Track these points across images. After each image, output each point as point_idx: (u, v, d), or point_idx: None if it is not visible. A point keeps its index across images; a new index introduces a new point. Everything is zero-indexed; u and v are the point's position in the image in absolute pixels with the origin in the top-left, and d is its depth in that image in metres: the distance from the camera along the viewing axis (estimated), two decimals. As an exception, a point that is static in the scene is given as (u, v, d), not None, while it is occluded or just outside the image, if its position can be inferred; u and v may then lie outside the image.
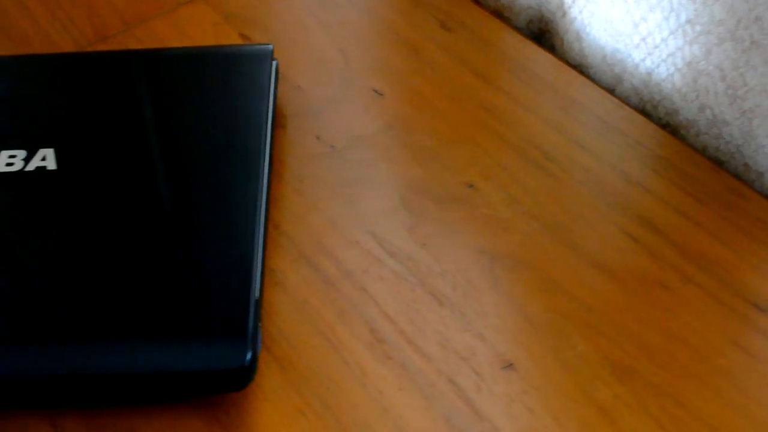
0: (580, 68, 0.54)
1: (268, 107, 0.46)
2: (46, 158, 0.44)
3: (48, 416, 0.39)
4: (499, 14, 0.57)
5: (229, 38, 0.56)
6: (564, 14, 0.54)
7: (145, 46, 0.56)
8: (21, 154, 0.44)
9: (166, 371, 0.37)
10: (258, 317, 0.39)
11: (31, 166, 0.44)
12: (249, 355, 0.37)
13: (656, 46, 0.49)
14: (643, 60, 0.51)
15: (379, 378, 0.39)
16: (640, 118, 0.50)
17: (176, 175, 0.43)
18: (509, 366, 0.40)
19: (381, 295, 0.42)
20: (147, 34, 0.56)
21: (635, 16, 0.50)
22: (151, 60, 0.49)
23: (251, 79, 0.47)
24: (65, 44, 0.56)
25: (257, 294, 0.39)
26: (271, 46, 0.50)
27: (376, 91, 0.52)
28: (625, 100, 0.51)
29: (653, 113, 0.51)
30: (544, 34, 0.57)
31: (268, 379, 0.39)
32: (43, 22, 0.57)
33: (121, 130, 0.45)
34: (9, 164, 0.44)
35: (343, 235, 0.45)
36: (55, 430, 0.38)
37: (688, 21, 0.47)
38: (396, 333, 0.41)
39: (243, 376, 0.37)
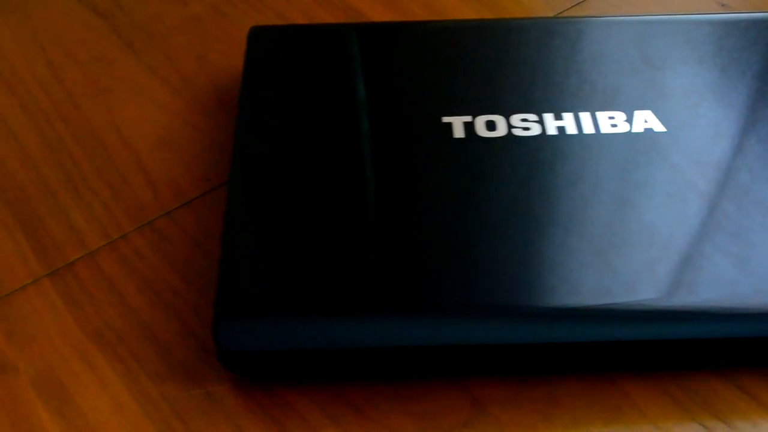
0: None
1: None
2: (648, 120, 0.43)
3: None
4: None
5: (707, 6, 0.55)
6: None
7: (622, 12, 0.55)
8: (621, 116, 0.43)
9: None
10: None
11: (637, 128, 0.43)
12: None
13: None
14: None
15: None
16: None
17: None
18: None
19: None
20: (623, 1, 0.56)
21: None
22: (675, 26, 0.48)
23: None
24: (538, 8, 0.55)
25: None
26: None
27: None
28: None
29: None
30: None
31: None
32: (508, -15, 0.56)
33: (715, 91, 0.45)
34: (613, 125, 0.43)
35: None
36: (673, 392, 0.38)
37: None
38: None
39: None
